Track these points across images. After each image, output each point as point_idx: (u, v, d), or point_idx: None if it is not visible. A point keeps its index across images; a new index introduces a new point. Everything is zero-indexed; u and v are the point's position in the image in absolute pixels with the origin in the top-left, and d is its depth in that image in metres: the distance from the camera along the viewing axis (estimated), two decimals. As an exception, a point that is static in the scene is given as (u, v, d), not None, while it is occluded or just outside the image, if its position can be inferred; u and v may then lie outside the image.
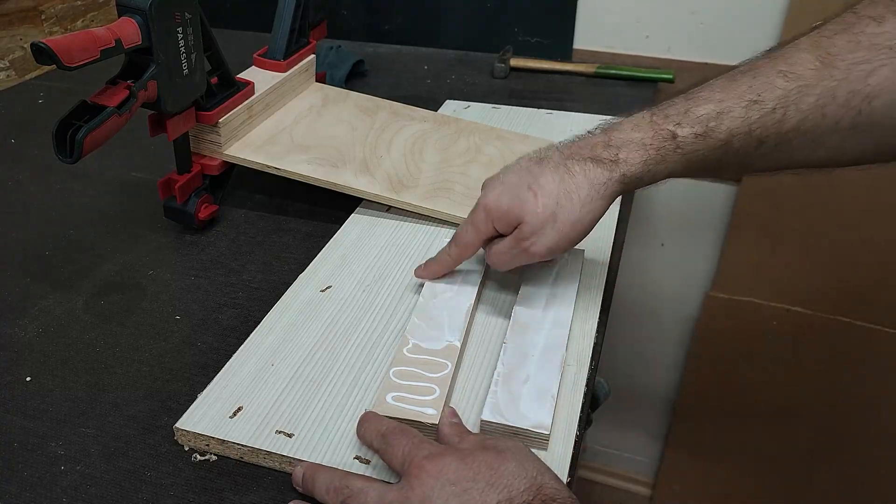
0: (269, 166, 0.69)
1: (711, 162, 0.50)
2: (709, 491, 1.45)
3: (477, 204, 0.54)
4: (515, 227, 0.52)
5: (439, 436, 0.46)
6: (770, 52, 0.49)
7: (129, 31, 0.56)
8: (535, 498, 0.38)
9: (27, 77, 1.09)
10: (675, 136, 0.49)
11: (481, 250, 0.56)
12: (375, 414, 0.46)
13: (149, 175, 0.81)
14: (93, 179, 0.81)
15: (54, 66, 0.51)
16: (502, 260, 0.54)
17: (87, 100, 0.56)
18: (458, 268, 0.60)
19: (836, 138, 0.47)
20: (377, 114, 0.80)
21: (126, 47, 0.56)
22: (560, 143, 0.54)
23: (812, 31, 0.48)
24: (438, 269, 0.59)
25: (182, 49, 0.61)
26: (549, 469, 0.41)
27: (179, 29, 0.60)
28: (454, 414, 0.47)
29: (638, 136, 0.50)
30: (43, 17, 1.10)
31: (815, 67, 0.46)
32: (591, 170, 0.51)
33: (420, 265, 0.60)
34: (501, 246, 0.53)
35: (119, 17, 0.57)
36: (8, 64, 1.06)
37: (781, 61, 0.47)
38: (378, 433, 0.44)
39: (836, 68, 0.45)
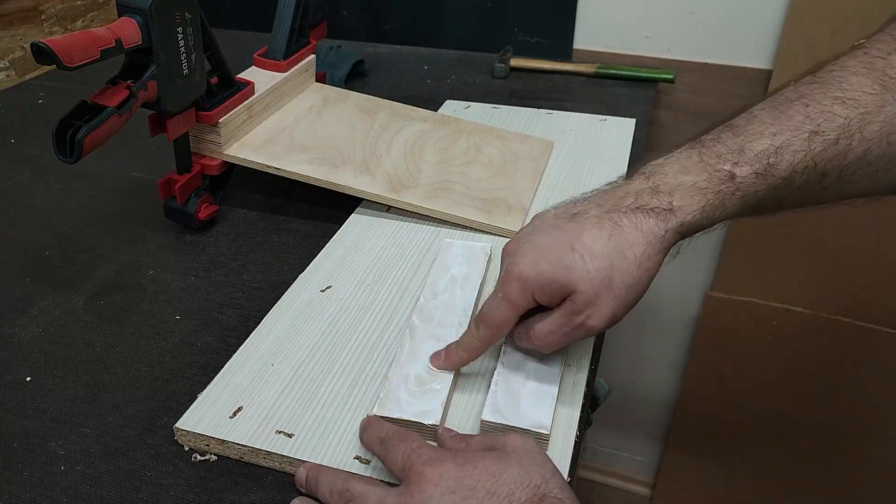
0: (269, 166, 0.69)
1: (770, 201, 0.45)
2: (709, 491, 1.45)
3: (506, 274, 0.46)
4: (564, 299, 0.44)
5: (441, 444, 0.45)
6: (816, 77, 0.45)
7: (129, 31, 0.56)
8: (538, 499, 0.38)
9: (27, 77, 1.09)
10: (733, 176, 0.44)
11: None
12: (377, 419, 0.46)
13: (149, 175, 0.81)
14: (93, 179, 0.81)
15: (54, 66, 0.51)
16: (553, 340, 0.46)
17: (87, 100, 0.56)
18: (456, 268, 0.60)
19: None
20: (377, 114, 0.80)
21: (126, 47, 0.55)
22: (589, 194, 0.47)
23: (857, 51, 0.44)
24: (465, 358, 0.49)
25: (182, 49, 0.61)
26: (555, 473, 0.40)
27: (179, 29, 0.60)
28: (450, 431, 0.46)
29: (690, 180, 0.44)
30: (43, 17, 1.10)
31: (875, 91, 0.42)
32: (644, 222, 0.44)
33: (439, 353, 0.50)
34: (550, 324, 0.45)
35: (119, 17, 0.57)
36: (8, 64, 1.06)
37: (835, 87, 0.43)
38: (378, 439, 0.43)
39: None
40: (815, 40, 0.97)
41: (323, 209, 0.74)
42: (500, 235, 0.67)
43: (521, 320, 0.47)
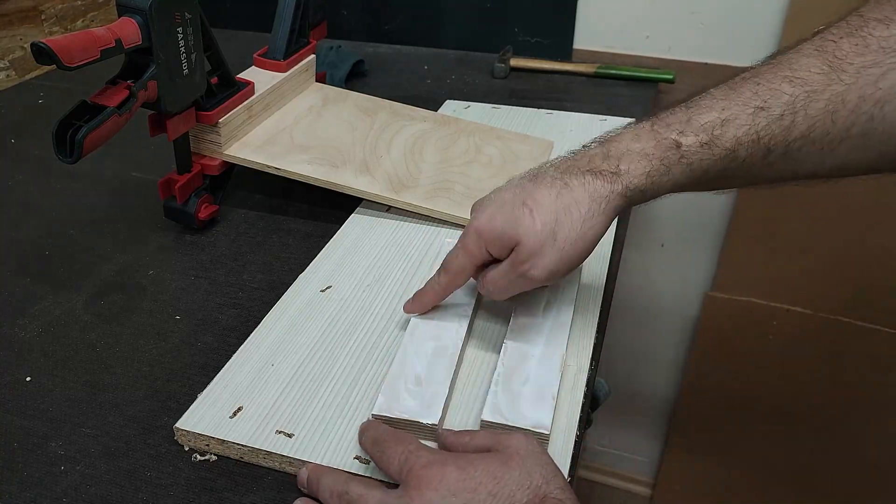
0: (269, 166, 0.69)
1: (716, 172, 0.47)
2: (709, 491, 1.45)
3: (467, 226, 0.50)
4: (511, 250, 0.48)
5: (443, 443, 0.45)
6: (772, 59, 0.47)
7: (129, 31, 0.56)
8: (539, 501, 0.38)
9: (27, 77, 1.09)
10: (678, 144, 0.46)
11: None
12: (374, 422, 0.46)
13: (149, 175, 0.81)
14: (93, 179, 0.81)
15: (54, 66, 0.51)
16: (498, 287, 0.50)
17: (87, 100, 0.56)
18: None
19: (846, 146, 0.45)
20: (377, 114, 0.80)
21: (126, 47, 0.55)
22: (556, 158, 0.51)
23: (815, 36, 0.46)
24: (428, 301, 0.54)
25: (182, 49, 0.61)
26: (557, 474, 0.40)
27: (179, 29, 0.60)
28: (451, 431, 0.46)
29: (639, 147, 0.47)
30: (43, 17, 1.10)
31: (823, 72, 0.44)
32: (591, 183, 0.47)
33: (408, 300, 0.55)
34: (497, 272, 0.49)
35: (119, 17, 0.57)
36: (8, 64, 1.06)
37: (786, 67, 0.45)
38: (372, 440, 0.43)
39: (845, 72, 0.43)
40: (815, 40, 0.97)
41: (323, 209, 0.74)
42: (500, 235, 0.67)
43: (482, 271, 0.51)
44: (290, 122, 0.76)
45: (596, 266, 0.62)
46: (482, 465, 0.39)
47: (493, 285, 0.50)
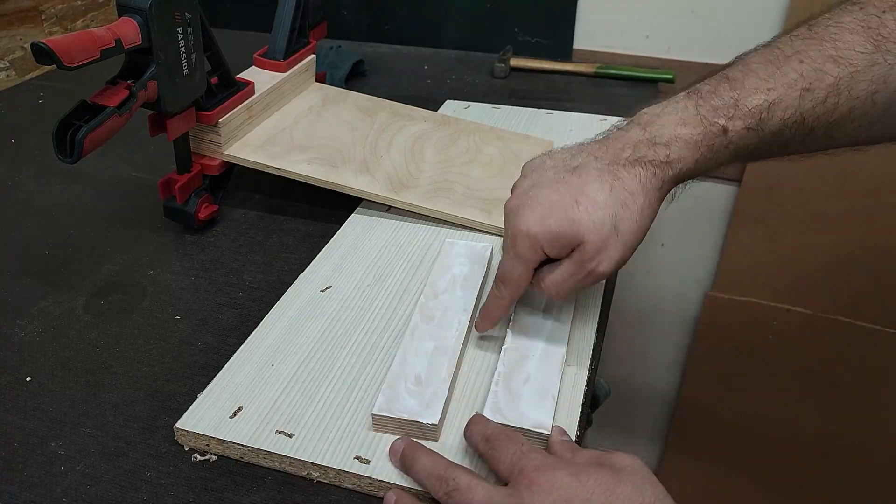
0: (269, 166, 0.69)
1: (759, 151, 0.47)
2: (709, 491, 1.45)
3: (513, 232, 0.48)
4: (573, 250, 0.47)
5: (550, 452, 0.44)
6: (812, 31, 0.46)
7: (129, 31, 0.56)
8: None
9: (27, 77, 1.09)
10: (725, 130, 0.46)
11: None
12: (482, 416, 0.45)
13: (149, 175, 0.81)
14: (93, 179, 0.81)
15: (54, 66, 0.51)
16: (564, 288, 0.48)
17: (87, 100, 0.56)
18: (458, 267, 0.60)
19: (882, 123, 0.45)
20: (377, 114, 0.80)
21: (126, 47, 0.55)
22: (586, 144, 0.50)
23: (852, 6, 0.46)
24: (496, 316, 0.52)
25: (182, 49, 0.61)
26: (668, 496, 0.39)
27: (179, 29, 0.60)
28: (563, 432, 0.46)
29: (686, 133, 0.46)
30: (43, 17, 1.10)
31: (867, 51, 0.44)
32: (642, 175, 0.47)
33: (477, 320, 0.53)
34: (561, 273, 0.48)
35: (119, 17, 0.57)
36: (8, 64, 1.06)
37: (830, 44, 0.45)
38: (483, 436, 0.43)
39: (890, 53, 0.43)
40: (815, 40, 0.97)
41: (323, 209, 0.74)
42: (500, 235, 0.67)
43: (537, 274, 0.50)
44: (290, 122, 0.76)
45: (596, 266, 0.62)
46: (595, 475, 0.39)
47: (558, 287, 0.48)
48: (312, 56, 0.82)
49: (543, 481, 0.38)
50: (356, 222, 0.70)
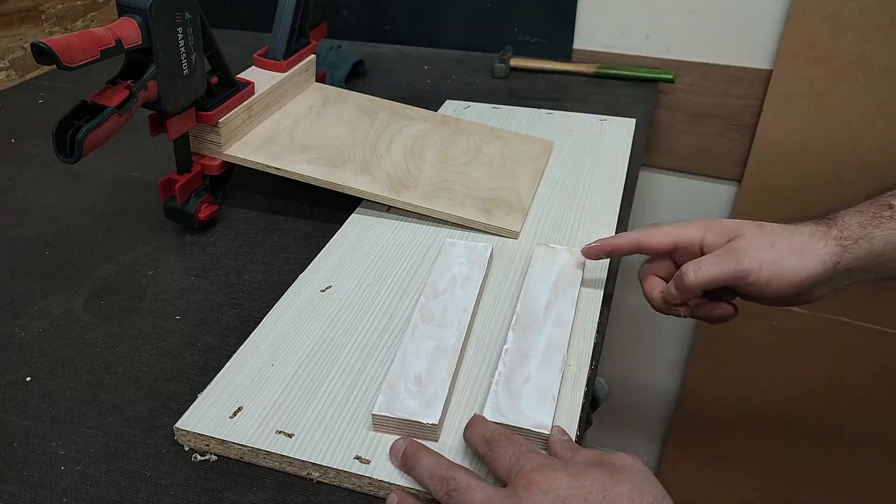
0: (268, 166, 0.69)
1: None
2: (709, 491, 1.45)
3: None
4: (728, 241, 0.53)
5: (550, 451, 0.45)
6: None
7: (129, 31, 0.56)
8: None
9: (27, 77, 1.09)
10: (891, 206, 0.51)
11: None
12: (482, 417, 0.45)
13: (149, 175, 0.81)
14: (93, 179, 0.81)
15: (54, 66, 0.51)
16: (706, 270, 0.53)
17: (87, 100, 0.56)
18: (458, 267, 0.60)
19: None
20: (377, 114, 0.80)
21: (126, 47, 0.55)
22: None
23: None
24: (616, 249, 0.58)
25: (182, 49, 0.61)
26: (666, 496, 0.40)
27: (179, 29, 0.60)
28: (563, 431, 0.46)
29: (855, 209, 0.53)
30: (43, 17, 1.10)
31: None
32: (807, 226, 0.52)
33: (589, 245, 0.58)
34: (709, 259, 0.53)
35: (119, 17, 0.57)
36: (8, 64, 1.06)
37: None
38: (482, 438, 0.43)
39: None
40: (815, 40, 0.97)
41: (323, 209, 0.74)
42: (500, 235, 0.67)
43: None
44: (290, 122, 0.76)
45: (597, 266, 0.62)
46: (592, 474, 0.39)
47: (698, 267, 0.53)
48: (312, 56, 0.82)
49: (541, 481, 0.39)
50: (356, 222, 0.70)
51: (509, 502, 0.39)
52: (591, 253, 0.58)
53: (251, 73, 0.76)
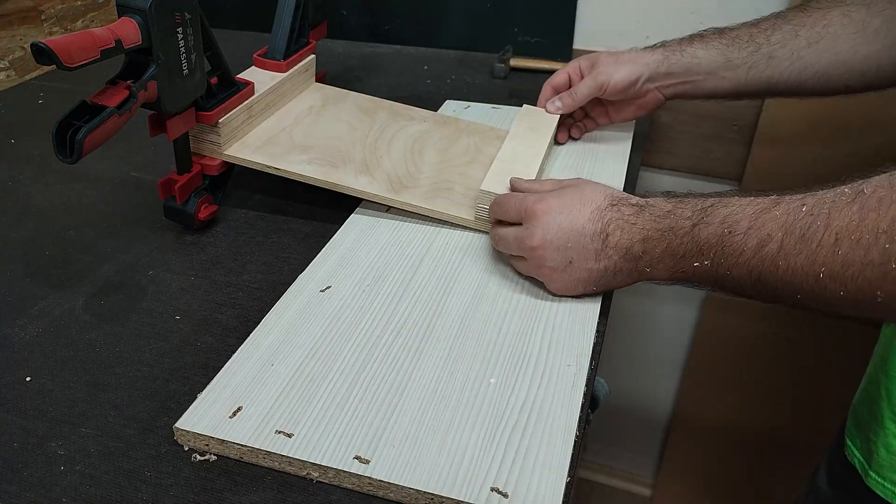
0: (268, 166, 0.69)
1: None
2: (709, 491, 1.45)
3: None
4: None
5: (521, 189, 0.63)
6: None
7: (129, 31, 0.56)
8: (611, 200, 0.55)
9: (27, 77, 1.09)
10: (702, 36, 0.77)
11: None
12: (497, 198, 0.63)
13: (149, 175, 0.81)
14: (93, 179, 0.81)
15: (54, 66, 0.51)
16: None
17: (87, 100, 0.56)
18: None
19: None
20: (377, 114, 0.80)
21: (126, 47, 0.55)
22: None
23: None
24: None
25: (182, 49, 0.61)
26: (615, 188, 0.57)
27: (179, 29, 0.60)
28: (519, 179, 0.65)
29: (679, 39, 0.78)
30: (43, 17, 1.10)
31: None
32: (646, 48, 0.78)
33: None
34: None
35: (119, 17, 0.57)
36: (8, 64, 1.06)
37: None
38: (494, 204, 0.63)
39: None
40: (815, 40, 0.97)
41: (323, 209, 0.74)
42: (499, 235, 0.67)
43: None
44: (289, 122, 0.76)
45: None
46: (567, 191, 0.57)
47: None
48: (312, 56, 0.82)
49: (542, 208, 0.56)
50: (356, 222, 0.70)
51: (528, 230, 0.57)
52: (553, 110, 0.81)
53: (251, 73, 0.76)
